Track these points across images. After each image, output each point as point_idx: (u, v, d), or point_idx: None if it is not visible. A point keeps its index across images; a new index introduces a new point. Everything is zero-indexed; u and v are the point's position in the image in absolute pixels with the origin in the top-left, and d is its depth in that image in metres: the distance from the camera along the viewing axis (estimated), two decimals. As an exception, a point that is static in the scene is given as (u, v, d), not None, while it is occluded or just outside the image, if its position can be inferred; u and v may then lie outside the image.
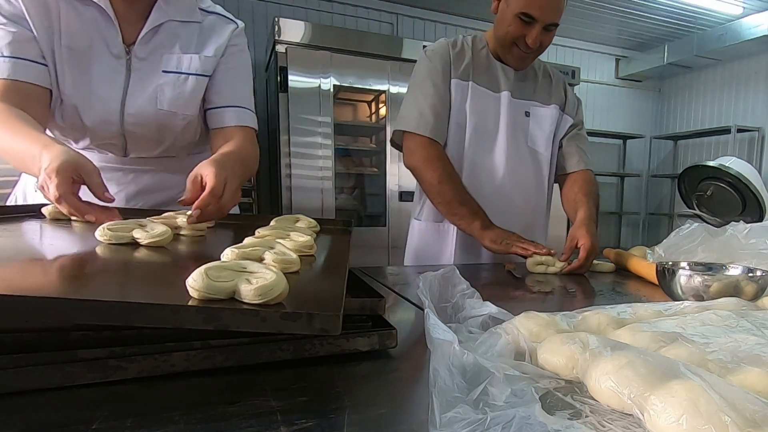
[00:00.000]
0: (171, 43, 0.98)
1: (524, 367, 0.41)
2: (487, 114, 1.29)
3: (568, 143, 1.39)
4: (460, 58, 1.28)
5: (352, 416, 0.37)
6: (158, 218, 0.76)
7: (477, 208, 1.20)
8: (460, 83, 1.26)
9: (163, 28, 0.97)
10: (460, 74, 1.26)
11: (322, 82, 2.81)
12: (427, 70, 1.27)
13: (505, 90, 1.29)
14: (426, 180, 1.23)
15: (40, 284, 0.46)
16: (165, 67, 0.97)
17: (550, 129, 1.35)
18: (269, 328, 0.38)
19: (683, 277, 0.77)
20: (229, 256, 0.52)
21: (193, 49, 1.00)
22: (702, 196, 2.54)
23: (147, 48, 0.96)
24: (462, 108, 1.27)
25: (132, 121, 0.96)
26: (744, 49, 4.17)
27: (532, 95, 1.34)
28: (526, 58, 1.25)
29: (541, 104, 1.35)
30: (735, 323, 0.52)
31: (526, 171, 1.34)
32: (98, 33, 0.92)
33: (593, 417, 0.35)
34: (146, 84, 0.96)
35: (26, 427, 0.34)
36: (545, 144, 1.35)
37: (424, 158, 1.23)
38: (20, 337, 0.42)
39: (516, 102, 1.31)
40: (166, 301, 0.38)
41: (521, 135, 1.32)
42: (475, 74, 1.27)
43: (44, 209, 0.81)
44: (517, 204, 1.32)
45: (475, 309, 0.56)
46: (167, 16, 0.97)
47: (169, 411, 0.36)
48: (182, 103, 1.00)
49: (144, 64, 0.96)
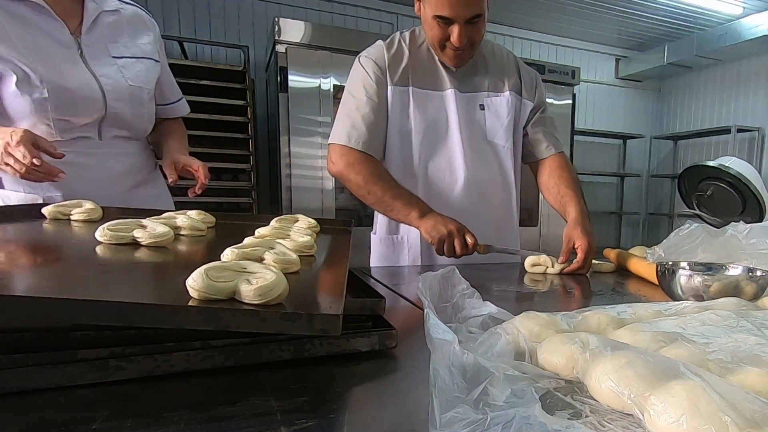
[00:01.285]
0: (109, 32, 1.09)
1: (524, 367, 0.41)
2: (435, 116, 1.22)
3: (534, 129, 1.32)
4: (396, 62, 1.20)
5: (352, 416, 0.37)
6: (158, 218, 0.76)
7: (412, 199, 1.14)
8: (398, 89, 1.20)
9: (99, 18, 1.07)
10: (397, 80, 1.19)
11: (322, 82, 2.81)
12: (360, 79, 1.20)
13: (450, 87, 1.22)
14: (353, 184, 1.17)
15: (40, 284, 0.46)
16: (113, 53, 1.09)
17: (508, 118, 1.27)
18: (269, 329, 0.38)
19: (683, 277, 0.77)
20: (229, 256, 0.52)
21: (127, 37, 1.13)
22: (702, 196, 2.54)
23: (91, 38, 1.06)
24: (404, 115, 1.20)
25: (111, 96, 1.06)
26: (744, 49, 4.16)
27: (482, 86, 1.26)
28: (461, 56, 1.16)
29: (496, 93, 1.27)
30: (735, 323, 0.52)
31: (490, 168, 1.27)
32: (38, 28, 0.99)
33: (593, 417, 0.35)
34: (105, 66, 1.07)
35: (26, 427, 0.34)
36: (506, 135, 1.27)
37: (346, 163, 1.17)
38: (20, 337, 0.42)
39: (467, 96, 1.24)
40: (166, 302, 0.38)
41: (478, 130, 1.25)
42: (414, 77, 1.20)
43: (44, 209, 0.81)
44: (485, 203, 1.26)
45: (475, 309, 0.56)
46: (99, 8, 1.07)
47: (169, 411, 0.36)
48: (143, 78, 1.14)
49: (92, 51, 1.06)
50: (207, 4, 3.32)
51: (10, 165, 0.87)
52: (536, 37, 4.45)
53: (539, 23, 4.28)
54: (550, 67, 3.51)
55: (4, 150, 0.86)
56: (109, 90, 1.06)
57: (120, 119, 1.10)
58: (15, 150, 0.85)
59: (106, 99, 1.05)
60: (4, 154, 0.86)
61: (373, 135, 1.18)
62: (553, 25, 4.31)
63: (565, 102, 3.61)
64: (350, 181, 1.18)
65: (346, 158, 1.17)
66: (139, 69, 1.12)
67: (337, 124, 1.21)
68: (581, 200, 1.22)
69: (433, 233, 1.09)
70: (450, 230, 1.08)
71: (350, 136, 1.17)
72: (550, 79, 3.47)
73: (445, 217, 1.11)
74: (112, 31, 1.10)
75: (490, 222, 1.25)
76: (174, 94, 1.29)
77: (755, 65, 4.38)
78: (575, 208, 1.19)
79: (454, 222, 1.10)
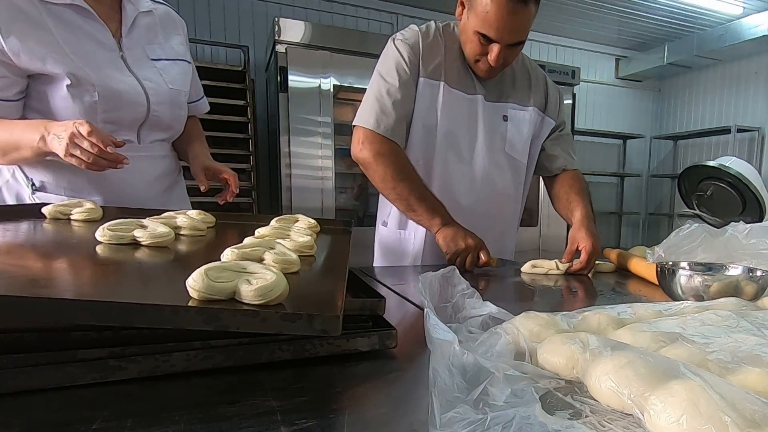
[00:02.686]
0: (146, 34, 1.09)
1: (524, 367, 0.41)
2: (462, 119, 1.21)
3: (552, 145, 1.33)
4: (431, 54, 1.17)
5: (352, 416, 0.37)
6: (158, 218, 0.76)
7: (436, 204, 1.13)
8: (429, 82, 1.17)
9: (137, 21, 1.07)
10: (430, 73, 1.17)
11: (322, 82, 2.81)
12: (395, 63, 1.16)
13: (480, 92, 1.21)
14: (378, 175, 1.14)
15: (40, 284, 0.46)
16: (150, 55, 1.08)
17: (528, 133, 1.27)
18: (269, 329, 0.38)
19: (683, 277, 0.77)
20: (229, 256, 0.52)
21: (161, 38, 1.12)
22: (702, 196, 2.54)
23: (131, 40, 1.05)
24: (432, 109, 1.18)
25: (154, 100, 1.06)
26: (744, 49, 4.16)
27: (509, 97, 1.26)
28: (492, 72, 1.16)
29: (520, 107, 1.27)
30: (735, 323, 0.52)
31: (504, 180, 1.27)
32: (83, 31, 0.98)
33: (593, 417, 0.35)
34: (145, 69, 1.06)
35: (26, 427, 0.34)
36: (523, 150, 1.28)
37: (375, 152, 1.13)
38: (20, 337, 0.42)
39: (491, 105, 1.23)
40: (166, 302, 0.38)
41: (499, 141, 1.25)
42: (447, 74, 1.18)
43: (44, 209, 0.81)
44: (493, 212, 1.27)
45: (475, 309, 0.56)
46: (136, 10, 1.06)
47: (169, 411, 0.36)
48: (181, 81, 1.14)
49: (132, 54, 1.05)
50: (207, 4, 3.31)
51: (77, 156, 0.86)
52: (536, 37, 4.44)
53: (539, 23, 4.27)
54: (550, 67, 3.50)
55: (70, 141, 0.85)
56: (152, 93, 1.06)
57: (160, 122, 1.10)
58: (82, 140, 0.85)
59: (150, 102, 1.05)
60: (70, 145, 0.85)
61: (400, 123, 1.16)
62: (553, 25, 4.31)
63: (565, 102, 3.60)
64: (376, 172, 1.14)
65: (377, 147, 1.14)
66: (176, 72, 1.12)
67: (364, 107, 1.17)
68: (588, 205, 1.22)
69: (451, 245, 1.09)
70: (468, 245, 1.08)
71: (379, 121, 1.14)
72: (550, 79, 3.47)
73: (467, 230, 1.11)
74: (148, 33, 1.09)
75: (494, 229, 1.25)
76: (197, 92, 1.28)
77: (755, 65, 4.38)
78: (581, 211, 1.19)
79: (474, 237, 1.10)
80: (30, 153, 0.92)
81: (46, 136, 0.88)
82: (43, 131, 0.88)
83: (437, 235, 1.12)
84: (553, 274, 1.08)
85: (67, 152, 0.86)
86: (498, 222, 1.29)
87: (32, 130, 0.89)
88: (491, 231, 1.20)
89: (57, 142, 0.86)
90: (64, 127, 0.86)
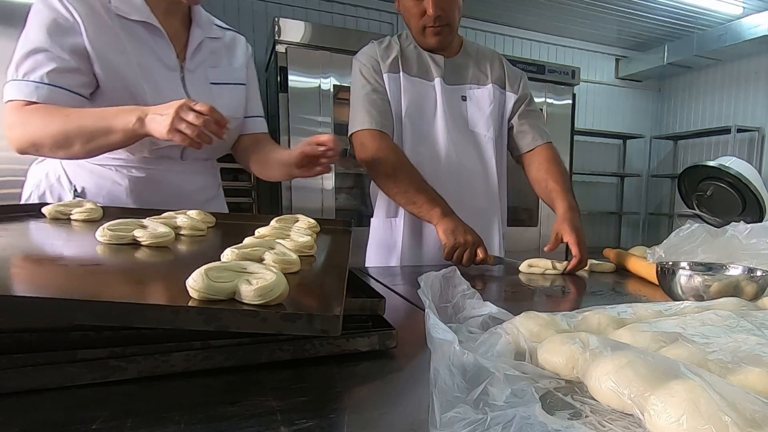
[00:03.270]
0: (210, 58, 1.11)
1: (524, 367, 0.41)
2: (423, 103, 1.28)
3: (519, 121, 1.36)
4: (387, 53, 1.28)
5: (352, 416, 0.37)
6: (158, 218, 0.76)
7: (435, 196, 1.17)
8: (390, 76, 1.26)
9: (203, 45, 1.10)
10: (389, 68, 1.26)
11: (322, 82, 2.81)
12: (359, 70, 1.28)
13: (437, 77, 1.29)
14: (380, 171, 1.20)
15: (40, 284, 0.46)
16: (211, 79, 1.10)
17: (489, 109, 1.32)
18: (269, 329, 0.38)
19: (683, 277, 0.77)
20: (229, 256, 0.52)
21: (226, 62, 1.15)
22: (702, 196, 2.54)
23: (194, 62, 1.08)
24: (397, 99, 1.26)
25: None
26: (744, 49, 4.16)
27: (466, 79, 1.33)
28: (440, 32, 1.23)
29: (477, 85, 1.34)
30: (735, 323, 0.52)
31: (471, 156, 1.31)
32: (150, 48, 1.01)
33: (593, 417, 0.35)
34: (200, 92, 1.08)
35: (26, 427, 0.34)
36: (486, 124, 1.32)
37: (376, 149, 1.20)
38: (20, 337, 0.42)
39: (451, 88, 1.30)
40: (166, 302, 0.38)
41: (460, 120, 1.31)
42: (405, 66, 1.27)
43: (44, 209, 0.81)
44: (466, 191, 1.30)
45: (475, 309, 0.56)
46: (204, 34, 1.10)
47: (169, 411, 0.36)
48: (233, 106, 1.14)
49: (193, 76, 1.08)
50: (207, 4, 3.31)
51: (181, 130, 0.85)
52: (536, 37, 4.44)
53: (539, 23, 4.27)
54: (550, 67, 3.50)
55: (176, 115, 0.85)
56: None
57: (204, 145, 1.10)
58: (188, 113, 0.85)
59: None
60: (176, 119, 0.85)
61: (386, 116, 1.24)
62: (553, 25, 4.31)
63: (565, 102, 3.60)
64: (380, 164, 1.20)
65: (378, 142, 1.20)
66: (231, 96, 1.13)
67: (353, 115, 1.26)
68: (569, 195, 1.24)
69: (451, 238, 1.09)
70: (467, 240, 1.09)
71: (371, 118, 1.21)
72: (550, 79, 3.47)
73: (466, 225, 1.13)
74: (213, 57, 1.12)
75: (472, 210, 1.27)
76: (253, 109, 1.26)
77: (755, 65, 4.38)
78: (562, 204, 1.21)
79: (473, 234, 1.11)
80: (121, 137, 0.91)
81: (144, 117, 0.88)
82: (139, 113, 0.88)
83: (437, 227, 1.13)
84: (550, 273, 1.08)
85: (172, 127, 0.85)
86: (473, 200, 1.31)
87: (126, 113, 0.90)
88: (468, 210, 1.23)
89: (158, 121, 0.86)
90: (167, 107, 0.86)
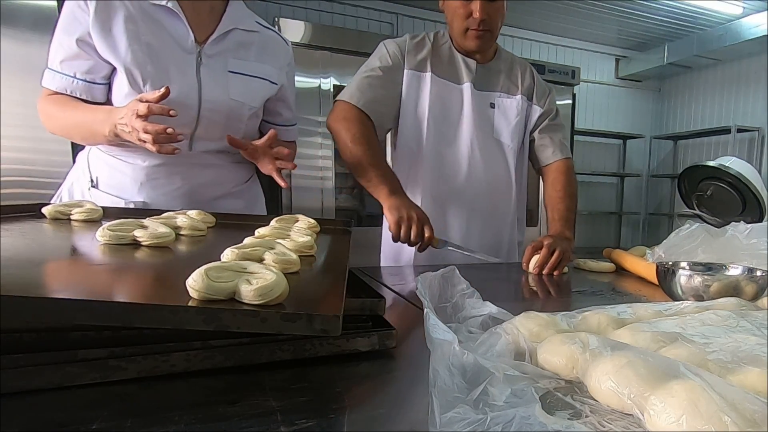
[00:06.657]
0: (235, 48, 1.10)
1: (524, 367, 0.41)
2: (449, 105, 1.27)
3: (541, 135, 1.36)
4: (417, 50, 1.26)
5: (352, 416, 0.37)
6: (158, 218, 0.76)
7: (387, 173, 1.16)
8: (414, 74, 1.25)
9: (231, 34, 1.08)
10: (415, 65, 1.25)
11: (322, 82, 2.81)
12: (378, 56, 1.26)
13: (467, 81, 1.28)
14: (341, 139, 1.18)
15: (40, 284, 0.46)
16: (231, 68, 1.08)
17: (516, 120, 1.32)
18: (269, 329, 0.38)
19: (683, 277, 0.77)
20: (229, 256, 0.52)
21: (253, 56, 1.12)
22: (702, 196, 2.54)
23: (215, 48, 1.06)
24: (420, 99, 1.25)
25: (208, 107, 1.05)
26: (744, 49, 4.16)
27: (497, 87, 1.33)
28: (482, 36, 1.21)
29: (507, 95, 1.33)
30: (735, 323, 0.52)
31: (493, 163, 1.31)
32: (167, 32, 1.01)
33: (593, 417, 0.35)
34: (215, 77, 1.06)
35: (26, 427, 0.34)
36: (511, 135, 1.32)
37: (341, 118, 1.19)
38: (20, 337, 0.42)
39: (480, 94, 1.30)
40: (166, 302, 0.38)
41: (487, 127, 1.31)
42: (434, 66, 1.26)
43: (44, 209, 0.81)
44: (485, 196, 1.30)
45: (475, 309, 0.56)
46: (234, 24, 1.08)
47: (169, 411, 0.36)
48: (249, 96, 1.11)
49: (211, 62, 1.06)
50: (207, 4, 3.31)
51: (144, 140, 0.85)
52: (536, 37, 4.44)
53: (539, 23, 4.27)
54: (550, 67, 3.50)
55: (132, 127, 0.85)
56: (206, 100, 1.04)
57: (212, 132, 1.08)
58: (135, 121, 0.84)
59: (201, 110, 1.04)
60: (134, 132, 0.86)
61: (378, 102, 1.22)
62: (553, 25, 4.31)
63: (565, 102, 3.61)
64: (340, 135, 1.19)
65: (344, 113, 1.20)
66: (247, 86, 1.10)
67: (349, 85, 1.25)
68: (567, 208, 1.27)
69: (395, 213, 1.08)
70: (410, 216, 1.08)
71: (353, 95, 1.21)
72: (550, 79, 3.47)
73: (412, 203, 1.13)
74: (239, 48, 1.10)
75: (488, 214, 1.29)
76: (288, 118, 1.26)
77: (755, 65, 4.38)
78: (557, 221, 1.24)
79: (419, 210, 1.10)
80: (106, 141, 0.96)
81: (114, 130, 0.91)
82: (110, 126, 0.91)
83: (384, 205, 1.13)
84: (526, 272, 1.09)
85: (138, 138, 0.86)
86: (490, 206, 1.32)
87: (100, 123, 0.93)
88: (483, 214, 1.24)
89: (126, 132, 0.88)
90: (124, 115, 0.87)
